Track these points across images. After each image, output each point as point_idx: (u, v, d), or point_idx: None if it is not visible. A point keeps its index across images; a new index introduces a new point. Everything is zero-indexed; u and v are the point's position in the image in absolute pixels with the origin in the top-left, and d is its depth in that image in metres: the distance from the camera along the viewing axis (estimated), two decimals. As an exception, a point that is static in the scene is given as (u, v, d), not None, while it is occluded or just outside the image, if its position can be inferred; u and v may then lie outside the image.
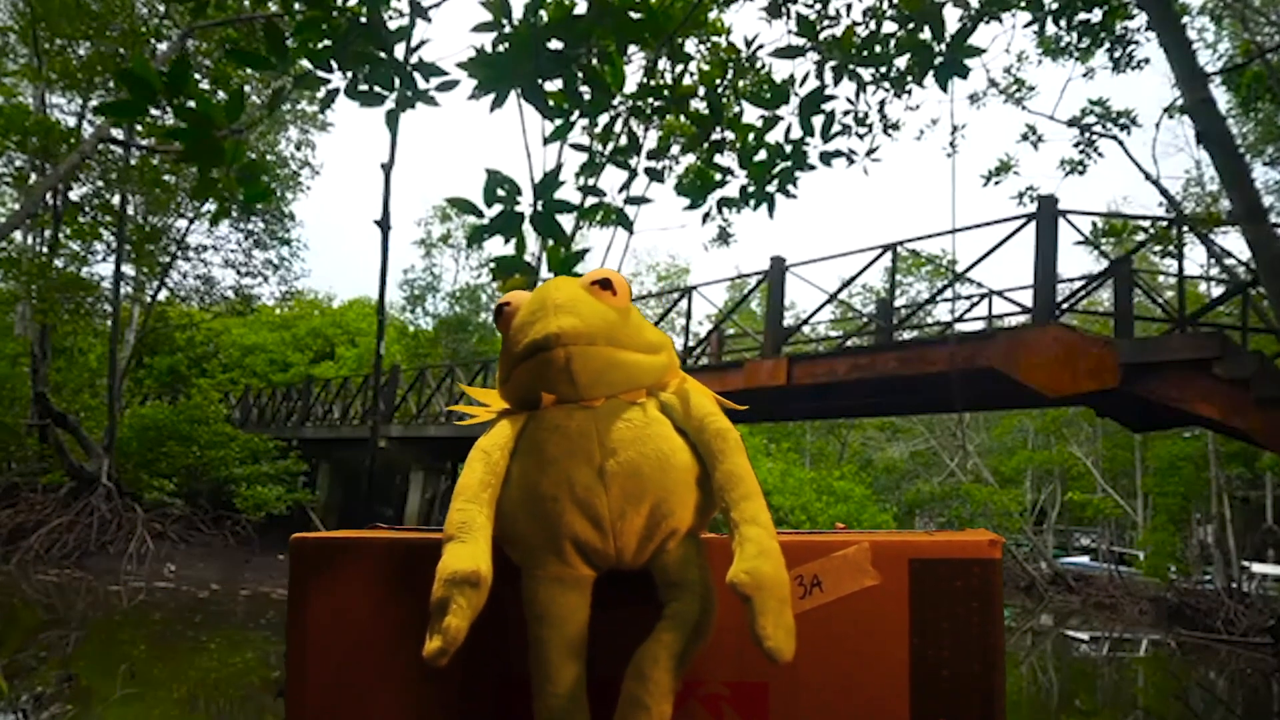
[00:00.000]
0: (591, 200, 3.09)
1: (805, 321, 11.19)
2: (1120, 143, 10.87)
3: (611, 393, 0.87)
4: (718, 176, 3.87)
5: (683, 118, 3.85)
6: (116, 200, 15.22)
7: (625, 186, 3.30)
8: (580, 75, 2.97)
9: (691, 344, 12.82)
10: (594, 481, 0.83)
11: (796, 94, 3.66)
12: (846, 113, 4.38)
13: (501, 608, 0.87)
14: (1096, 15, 7.13)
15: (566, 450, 0.84)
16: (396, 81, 2.86)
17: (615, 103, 3.31)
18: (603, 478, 0.83)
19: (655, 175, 3.50)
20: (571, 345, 0.84)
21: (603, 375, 0.86)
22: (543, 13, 2.87)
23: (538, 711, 0.83)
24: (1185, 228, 9.98)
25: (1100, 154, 10.75)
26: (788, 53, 3.89)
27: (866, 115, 4.43)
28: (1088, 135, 10.69)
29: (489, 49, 2.80)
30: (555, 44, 2.87)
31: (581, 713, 0.82)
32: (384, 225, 3.48)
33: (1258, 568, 16.63)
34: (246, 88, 13.48)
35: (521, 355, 0.87)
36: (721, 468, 0.84)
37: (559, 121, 3.01)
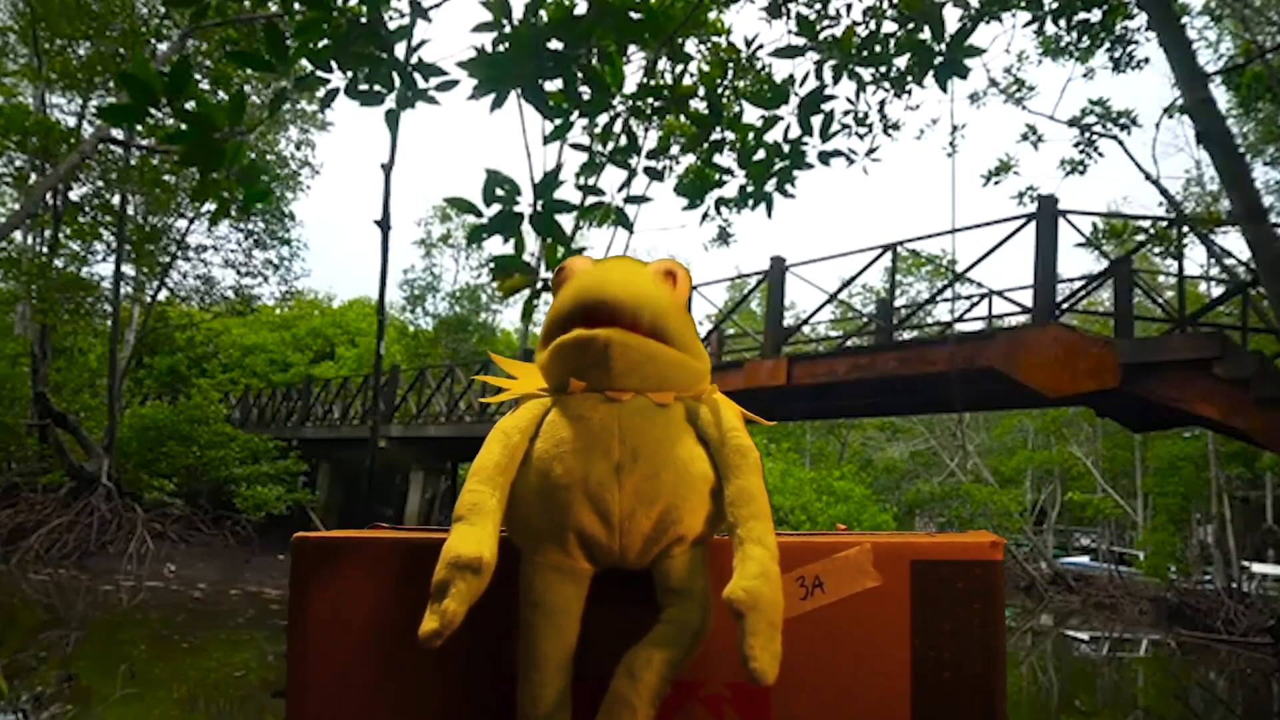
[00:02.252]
0: (591, 200, 3.10)
1: (805, 321, 11.19)
2: (1120, 143, 10.87)
3: (642, 386, 0.87)
4: (717, 176, 3.87)
5: (683, 118, 3.86)
6: (116, 200, 15.22)
7: (625, 186, 3.30)
8: (580, 75, 2.97)
9: (691, 344, 12.79)
10: (609, 477, 0.82)
11: (796, 94, 3.66)
12: (846, 113, 4.39)
13: (506, 607, 0.87)
14: (1096, 15, 7.14)
15: (586, 442, 0.84)
16: (397, 81, 2.86)
17: (615, 103, 3.31)
18: (618, 475, 0.83)
19: (655, 175, 3.50)
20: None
21: (637, 366, 0.85)
22: (543, 13, 2.87)
23: (521, 697, 0.82)
24: (1185, 228, 9.98)
25: (1100, 154, 10.77)
26: (788, 52, 3.89)
27: (866, 115, 4.44)
28: (1088, 135, 10.70)
29: (489, 49, 2.80)
30: (555, 44, 2.87)
31: (564, 705, 0.82)
32: (384, 225, 3.48)
33: (1258, 568, 16.63)
34: (247, 88, 13.50)
35: (568, 314, 0.86)
36: (736, 483, 0.83)
37: (559, 121, 3.01)
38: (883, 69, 4.19)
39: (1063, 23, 6.89)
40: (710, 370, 0.95)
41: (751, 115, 3.89)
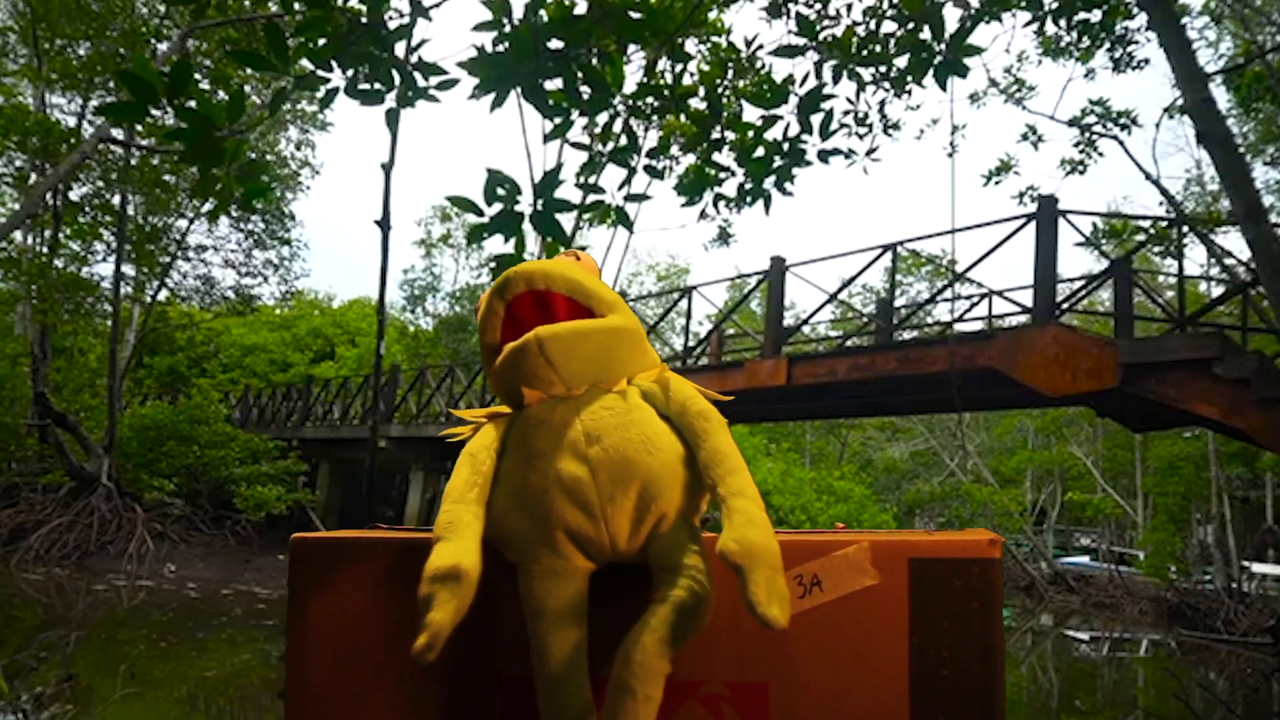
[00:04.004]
0: (592, 198, 3.10)
1: (805, 321, 11.18)
2: (1120, 143, 10.87)
3: (587, 369, 0.88)
4: (716, 174, 3.87)
5: (683, 117, 3.86)
6: (116, 200, 15.22)
7: (625, 184, 3.30)
8: (580, 75, 2.97)
9: (691, 344, 12.81)
10: (581, 470, 0.83)
11: (796, 94, 3.66)
12: (846, 112, 4.40)
13: (495, 607, 0.87)
14: (1096, 15, 7.13)
15: (552, 443, 0.85)
16: (397, 80, 2.86)
17: (615, 102, 3.31)
18: (589, 465, 0.84)
19: (655, 172, 3.50)
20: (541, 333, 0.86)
21: (575, 348, 0.87)
22: (543, 12, 2.87)
23: (542, 705, 0.82)
24: (1185, 228, 9.97)
25: (1100, 154, 10.77)
26: (787, 52, 3.90)
27: (866, 115, 4.44)
28: (1088, 135, 10.70)
29: (489, 48, 2.80)
30: (555, 44, 2.88)
31: (584, 704, 0.82)
32: (384, 225, 3.48)
33: (1258, 568, 16.61)
34: (247, 88, 13.50)
35: (488, 309, 0.91)
36: (706, 445, 0.84)
37: (559, 120, 3.01)
38: (883, 69, 4.19)
39: (1063, 23, 6.88)
40: (634, 316, 0.95)
41: (751, 115, 3.90)
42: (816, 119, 3.62)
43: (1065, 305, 8.93)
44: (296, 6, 2.90)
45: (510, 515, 0.86)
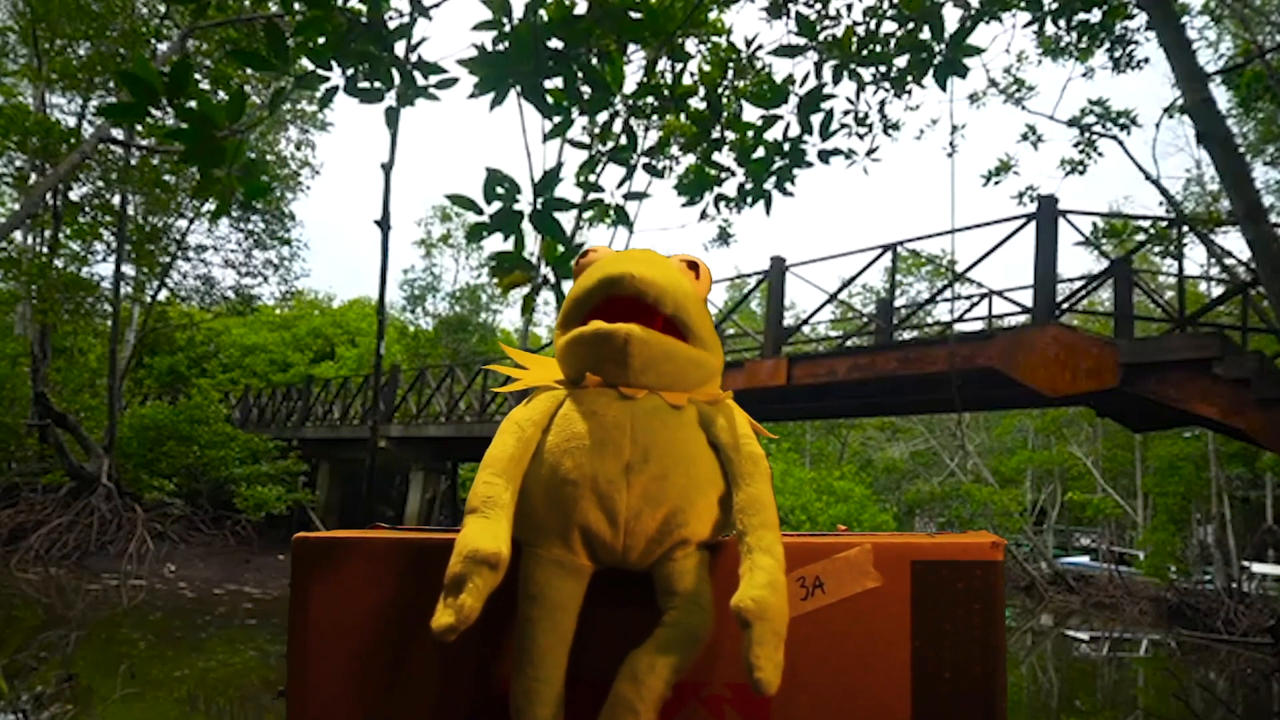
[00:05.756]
0: (591, 197, 3.10)
1: (805, 321, 11.18)
2: (1120, 143, 10.88)
3: (658, 383, 0.86)
4: (716, 174, 3.87)
5: (683, 117, 3.86)
6: (116, 200, 15.23)
7: (624, 182, 3.31)
8: (580, 74, 2.97)
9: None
10: (618, 476, 0.82)
11: (796, 94, 3.66)
12: (846, 112, 4.40)
13: (507, 606, 0.87)
14: (1096, 15, 7.13)
15: (598, 438, 0.83)
16: (397, 78, 2.86)
17: (615, 102, 3.31)
18: (627, 474, 0.82)
19: (654, 171, 3.51)
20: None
21: (655, 363, 0.85)
22: (543, 12, 2.87)
23: (514, 691, 0.81)
24: (1185, 228, 9.98)
25: (1100, 154, 10.78)
26: (787, 51, 3.90)
27: (866, 115, 4.45)
28: (1088, 135, 10.71)
29: (489, 47, 2.80)
30: (555, 43, 2.87)
31: (556, 700, 0.81)
32: (384, 225, 3.48)
33: (1258, 568, 16.61)
34: (247, 87, 13.50)
35: (589, 292, 0.87)
36: (746, 490, 0.83)
37: (558, 119, 3.01)
38: (883, 69, 4.19)
39: (1062, 23, 6.88)
40: (721, 365, 0.95)
41: (751, 115, 3.89)
42: (816, 119, 3.62)
43: (1065, 305, 8.93)
44: (296, 6, 2.90)
45: (535, 497, 0.84)
